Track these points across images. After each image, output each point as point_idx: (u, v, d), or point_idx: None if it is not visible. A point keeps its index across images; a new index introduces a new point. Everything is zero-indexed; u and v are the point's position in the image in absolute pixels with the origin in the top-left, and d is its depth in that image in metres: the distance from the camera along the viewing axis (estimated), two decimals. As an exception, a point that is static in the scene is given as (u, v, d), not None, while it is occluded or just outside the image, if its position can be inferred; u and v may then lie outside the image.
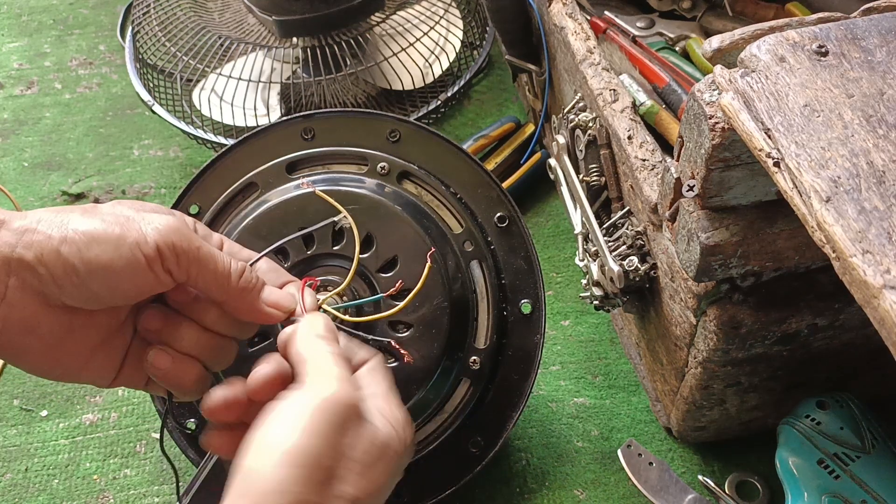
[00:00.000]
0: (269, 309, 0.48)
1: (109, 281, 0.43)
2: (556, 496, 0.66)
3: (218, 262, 0.45)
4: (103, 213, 0.44)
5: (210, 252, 0.45)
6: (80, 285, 0.42)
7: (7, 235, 0.41)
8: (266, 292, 0.48)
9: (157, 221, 0.44)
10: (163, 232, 0.43)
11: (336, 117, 0.64)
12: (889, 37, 0.41)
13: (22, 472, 0.69)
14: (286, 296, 0.49)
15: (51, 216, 0.43)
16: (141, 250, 0.43)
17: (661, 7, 0.76)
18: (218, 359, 0.49)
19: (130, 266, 0.43)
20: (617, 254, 0.60)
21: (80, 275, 0.42)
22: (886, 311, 0.32)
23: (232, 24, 0.91)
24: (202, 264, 0.45)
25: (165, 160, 0.93)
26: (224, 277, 0.46)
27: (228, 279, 0.46)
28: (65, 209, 0.44)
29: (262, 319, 0.48)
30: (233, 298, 0.47)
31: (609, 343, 0.74)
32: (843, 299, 0.51)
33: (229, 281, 0.46)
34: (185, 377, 0.47)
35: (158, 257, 0.43)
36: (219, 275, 0.45)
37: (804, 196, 0.36)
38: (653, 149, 0.59)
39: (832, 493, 0.55)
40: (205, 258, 0.45)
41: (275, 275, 0.51)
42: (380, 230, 0.58)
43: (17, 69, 1.05)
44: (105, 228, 0.43)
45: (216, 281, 0.46)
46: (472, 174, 0.63)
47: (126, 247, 0.42)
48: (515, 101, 0.96)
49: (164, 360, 0.46)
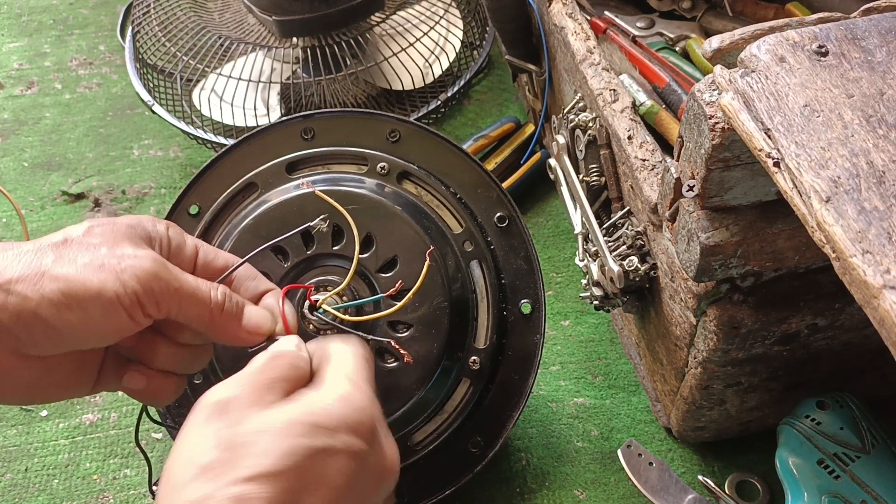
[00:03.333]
0: (248, 335, 0.47)
1: (88, 333, 0.42)
2: (556, 496, 0.66)
3: (199, 297, 0.45)
4: (78, 257, 0.42)
5: (190, 289, 0.45)
6: (58, 340, 0.42)
7: None
8: (246, 317, 0.47)
9: (135, 268, 0.42)
10: (143, 280, 0.42)
11: (336, 117, 0.64)
12: (889, 37, 0.41)
13: (22, 472, 0.69)
14: (265, 317, 0.48)
15: (24, 268, 0.41)
16: (121, 303, 0.42)
17: (661, 7, 0.76)
18: (194, 366, 0.49)
19: (110, 319, 0.42)
20: (617, 254, 0.60)
21: (59, 333, 0.41)
22: (886, 311, 0.32)
23: (232, 24, 0.91)
24: (183, 303, 0.44)
25: (165, 160, 0.93)
26: (205, 311, 0.45)
27: (209, 313, 0.45)
28: (41, 247, 0.42)
29: (243, 344, 0.47)
30: (214, 329, 0.46)
31: (609, 343, 0.74)
32: (843, 299, 0.51)
33: (210, 314, 0.45)
34: (161, 393, 0.47)
35: (139, 306, 0.43)
36: (200, 310, 0.45)
37: (804, 196, 0.36)
38: (653, 149, 0.59)
39: (832, 493, 0.55)
40: (186, 297, 0.44)
41: (254, 283, 0.50)
42: (379, 230, 0.58)
43: (17, 69, 1.05)
44: (83, 282, 0.41)
45: (197, 316, 0.45)
46: (472, 174, 0.63)
47: (105, 300, 0.41)
48: (515, 101, 0.96)
49: (139, 381, 0.46)
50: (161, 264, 0.44)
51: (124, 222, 0.45)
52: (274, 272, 0.57)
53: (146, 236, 0.46)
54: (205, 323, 0.46)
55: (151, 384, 0.47)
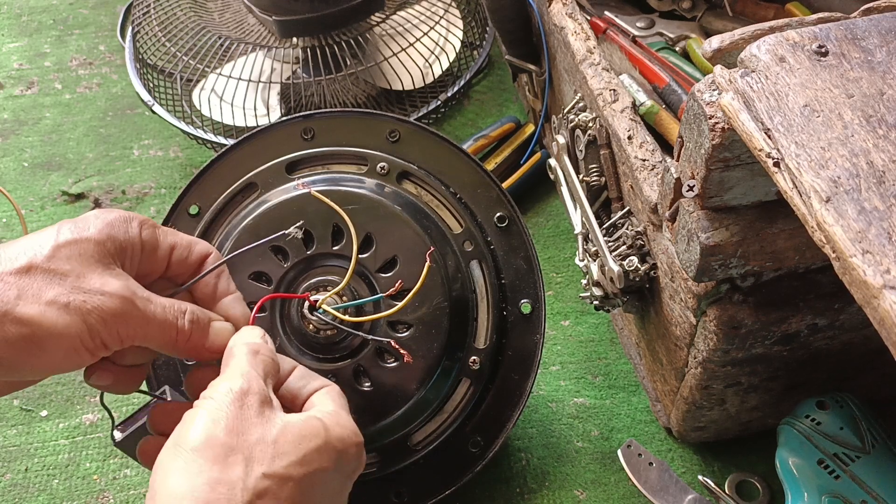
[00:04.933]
0: (211, 354, 0.47)
1: (46, 368, 0.42)
2: (556, 496, 0.66)
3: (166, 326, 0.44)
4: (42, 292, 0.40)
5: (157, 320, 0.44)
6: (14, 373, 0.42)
7: None
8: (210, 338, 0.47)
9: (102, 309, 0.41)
10: (109, 321, 0.41)
11: (336, 117, 0.64)
12: (889, 37, 0.41)
13: (22, 472, 0.69)
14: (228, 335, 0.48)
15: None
16: (84, 346, 0.41)
17: (661, 7, 0.76)
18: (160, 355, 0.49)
19: (71, 359, 0.42)
20: (617, 254, 0.60)
21: (16, 369, 0.41)
22: (886, 311, 0.32)
23: (232, 24, 0.91)
24: (149, 333, 0.44)
25: (165, 160, 0.93)
26: (171, 338, 0.45)
27: (175, 340, 0.45)
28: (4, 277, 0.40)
29: (206, 360, 0.48)
30: (177, 352, 0.46)
31: (609, 343, 0.74)
32: (843, 299, 0.51)
33: (176, 341, 0.45)
34: (128, 385, 0.48)
35: (102, 346, 0.42)
36: (166, 338, 0.45)
37: (804, 196, 0.36)
38: (653, 149, 0.59)
39: (832, 493, 0.55)
40: (153, 328, 0.44)
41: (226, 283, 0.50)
42: (379, 230, 0.58)
43: (17, 69, 1.05)
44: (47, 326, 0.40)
45: (163, 342, 0.45)
46: (472, 174, 0.63)
47: (68, 344, 0.41)
48: (515, 101, 0.96)
49: (106, 378, 0.46)
50: (129, 301, 0.42)
51: (94, 239, 0.43)
52: (273, 272, 0.57)
53: (117, 250, 0.44)
54: (169, 347, 0.46)
55: (119, 378, 0.46)
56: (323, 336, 0.56)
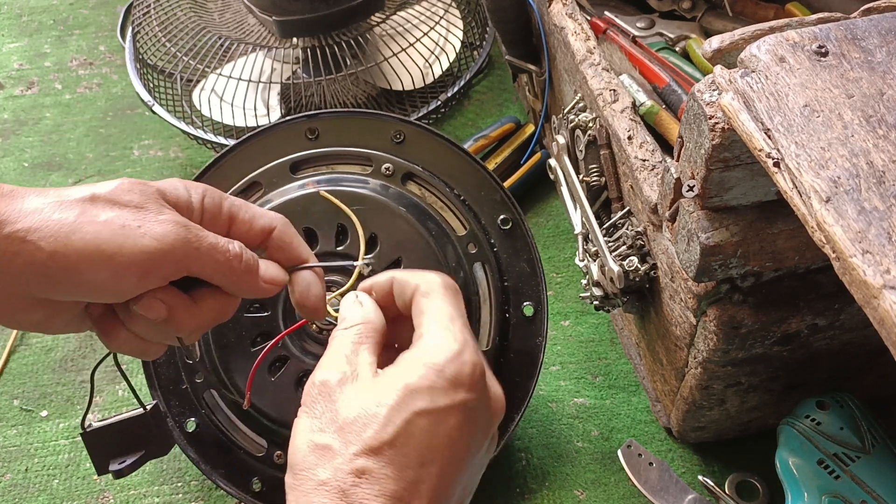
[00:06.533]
0: (265, 285, 0.48)
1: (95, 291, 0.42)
2: (556, 496, 0.66)
3: (217, 251, 0.45)
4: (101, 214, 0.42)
5: (209, 246, 0.44)
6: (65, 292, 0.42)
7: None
8: (262, 269, 0.48)
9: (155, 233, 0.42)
10: (163, 246, 0.42)
11: (340, 118, 0.64)
12: (889, 37, 0.41)
13: (22, 472, 0.69)
14: (279, 271, 0.49)
15: (43, 220, 0.40)
16: (134, 268, 0.42)
17: (661, 7, 0.76)
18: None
19: (122, 281, 0.42)
20: (617, 254, 0.60)
21: (66, 287, 0.41)
22: (886, 311, 0.32)
23: (232, 24, 0.91)
24: (202, 260, 0.44)
25: (165, 160, 0.93)
26: (224, 265, 0.45)
27: (228, 265, 0.45)
28: (65, 203, 0.41)
29: (263, 295, 0.48)
30: (233, 283, 0.46)
31: (609, 343, 0.74)
32: (843, 299, 0.51)
33: (229, 267, 0.45)
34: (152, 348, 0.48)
35: (152, 271, 0.42)
36: (219, 264, 0.45)
37: (804, 196, 0.36)
38: (653, 149, 0.59)
39: (832, 493, 0.55)
40: (205, 254, 0.44)
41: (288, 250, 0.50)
42: (384, 231, 0.58)
43: (17, 69, 1.05)
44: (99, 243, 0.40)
45: (216, 270, 0.45)
46: (476, 176, 0.63)
47: (118, 265, 0.41)
48: (515, 101, 0.96)
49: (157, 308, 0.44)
50: (183, 227, 0.43)
51: (156, 185, 0.45)
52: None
53: (177, 201, 0.45)
54: (223, 276, 0.46)
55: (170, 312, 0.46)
56: (327, 334, 0.56)
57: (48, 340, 0.77)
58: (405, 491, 0.40)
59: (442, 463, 0.41)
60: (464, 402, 0.42)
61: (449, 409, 0.41)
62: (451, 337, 0.43)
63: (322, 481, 0.39)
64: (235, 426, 0.62)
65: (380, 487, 0.39)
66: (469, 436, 0.42)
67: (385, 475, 0.39)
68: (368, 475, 0.39)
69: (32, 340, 0.78)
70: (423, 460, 0.40)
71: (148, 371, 0.64)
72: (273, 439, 0.61)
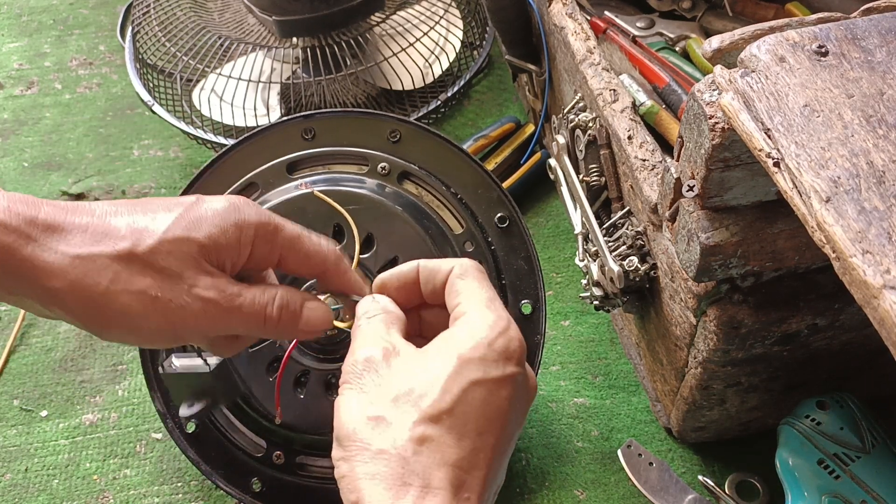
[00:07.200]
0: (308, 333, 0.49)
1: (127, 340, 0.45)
2: (556, 496, 0.66)
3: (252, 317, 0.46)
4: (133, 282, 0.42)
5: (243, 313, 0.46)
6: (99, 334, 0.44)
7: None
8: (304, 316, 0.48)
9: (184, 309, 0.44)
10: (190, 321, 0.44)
11: (337, 117, 0.64)
12: (889, 37, 0.41)
13: (22, 472, 0.69)
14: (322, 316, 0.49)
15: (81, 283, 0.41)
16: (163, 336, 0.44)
17: (661, 7, 0.76)
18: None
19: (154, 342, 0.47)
20: (617, 254, 0.60)
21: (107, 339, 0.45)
22: (886, 311, 0.32)
23: (232, 24, 0.91)
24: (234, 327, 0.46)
25: (165, 160, 0.93)
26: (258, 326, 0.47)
27: (264, 326, 0.47)
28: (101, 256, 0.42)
29: (304, 338, 0.52)
30: (272, 336, 0.49)
31: (609, 343, 0.74)
32: (843, 299, 0.51)
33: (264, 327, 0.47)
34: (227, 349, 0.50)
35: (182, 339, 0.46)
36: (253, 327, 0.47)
37: (804, 196, 0.36)
38: (653, 149, 0.59)
39: (832, 493, 0.55)
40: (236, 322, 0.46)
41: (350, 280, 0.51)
42: (380, 230, 0.58)
43: (17, 69, 1.05)
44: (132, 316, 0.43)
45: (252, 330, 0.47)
46: (473, 175, 0.63)
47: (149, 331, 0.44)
48: (515, 101, 0.96)
49: None
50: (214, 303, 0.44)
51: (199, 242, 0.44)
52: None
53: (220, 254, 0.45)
54: (260, 333, 0.48)
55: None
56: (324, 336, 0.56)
57: (48, 340, 0.77)
58: (465, 460, 0.40)
59: (496, 433, 0.41)
60: (513, 374, 0.42)
61: (501, 380, 0.42)
62: (496, 314, 0.44)
63: (381, 450, 0.39)
64: (235, 427, 0.62)
65: (441, 455, 0.39)
66: (517, 410, 0.43)
67: (446, 443, 0.40)
68: (429, 443, 0.39)
69: (32, 340, 0.78)
70: (481, 430, 0.41)
71: (147, 372, 0.64)
72: (272, 440, 0.61)
